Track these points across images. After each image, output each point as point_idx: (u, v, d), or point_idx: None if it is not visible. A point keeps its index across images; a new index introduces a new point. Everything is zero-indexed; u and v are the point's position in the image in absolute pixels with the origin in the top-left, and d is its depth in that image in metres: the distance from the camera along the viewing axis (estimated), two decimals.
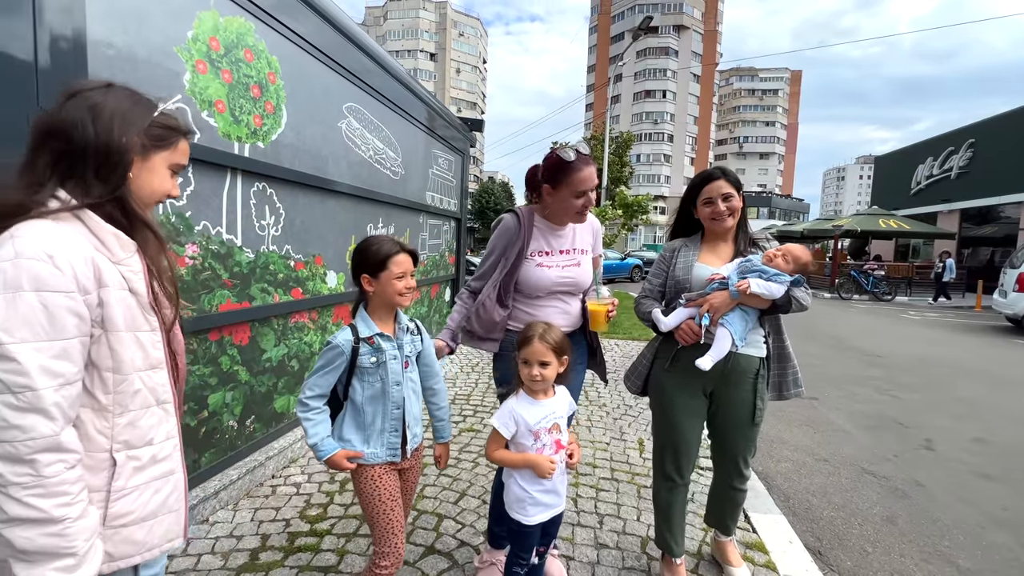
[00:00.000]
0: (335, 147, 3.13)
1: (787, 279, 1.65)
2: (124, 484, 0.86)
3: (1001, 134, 16.71)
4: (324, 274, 3.12)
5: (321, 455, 1.43)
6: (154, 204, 0.95)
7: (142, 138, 0.88)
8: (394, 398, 1.48)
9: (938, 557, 2.33)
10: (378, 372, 1.47)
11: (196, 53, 2.03)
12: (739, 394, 1.76)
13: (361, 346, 1.44)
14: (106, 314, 0.82)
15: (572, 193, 1.69)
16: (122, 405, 0.85)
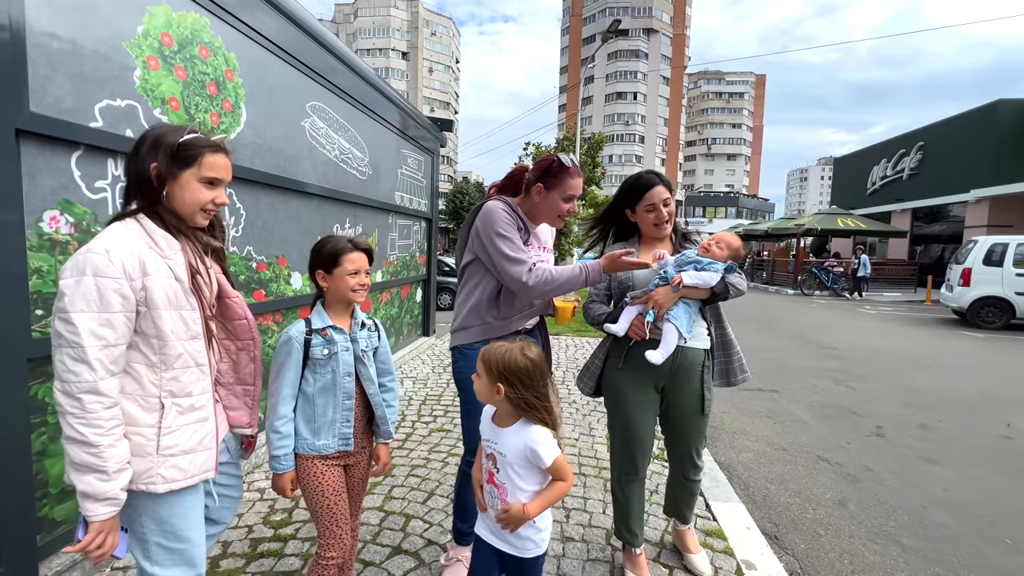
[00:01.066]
0: (298, 146, 3.08)
1: (720, 267, 1.72)
2: (171, 423, 1.13)
3: (948, 138, 17.70)
4: (288, 275, 3.07)
5: (281, 469, 1.44)
6: (196, 212, 1.18)
7: (168, 162, 1.13)
8: (345, 389, 1.50)
9: (884, 537, 2.47)
10: (329, 364, 1.48)
11: (147, 49, 1.98)
12: (688, 386, 1.82)
13: (313, 337, 1.46)
14: (148, 297, 1.08)
15: (562, 196, 1.78)
16: (166, 364, 1.13)
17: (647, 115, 60.62)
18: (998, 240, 9.28)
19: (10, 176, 1.51)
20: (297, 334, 1.45)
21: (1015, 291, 8.85)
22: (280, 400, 1.44)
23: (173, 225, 1.15)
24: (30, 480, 1.63)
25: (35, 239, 1.63)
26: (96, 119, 1.78)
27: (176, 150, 1.13)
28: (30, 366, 1.61)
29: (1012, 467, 3.30)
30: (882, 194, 21.27)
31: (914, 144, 19.33)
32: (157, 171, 1.12)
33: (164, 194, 1.14)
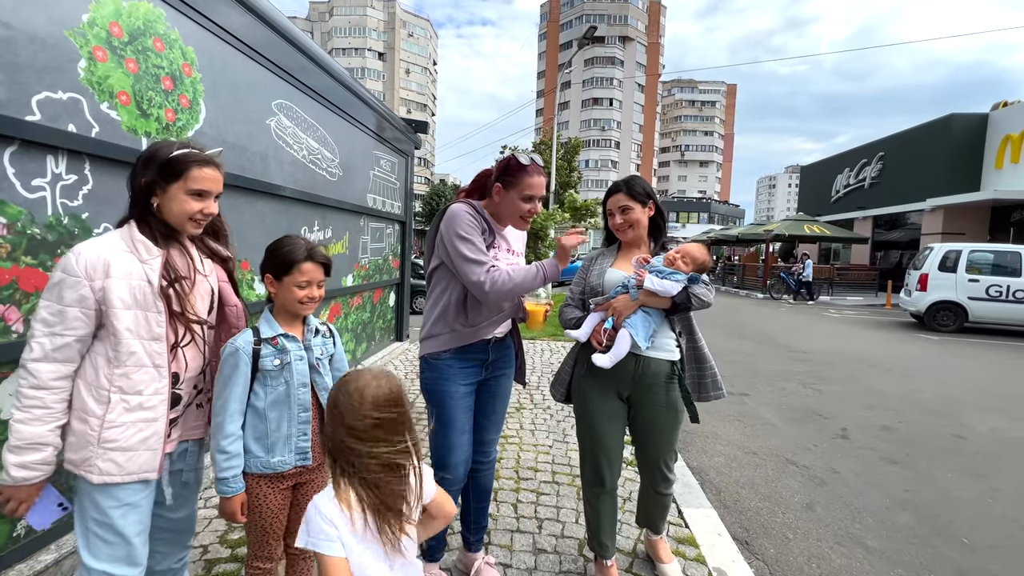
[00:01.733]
0: (263, 146, 2.96)
1: (682, 277, 1.70)
2: (114, 418, 1.18)
3: (906, 149, 18.55)
4: (252, 280, 2.94)
5: (229, 492, 1.34)
6: (185, 222, 1.25)
7: (156, 176, 1.22)
8: (301, 401, 1.41)
9: (850, 540, 2.51)
10: (282, 375, 1.39)
11: (93, 39, 1.85)
12: (653, 397, 1.79)
13: (263, 347, 1.37)
14: (106, 296, 1.15)
15: (520, 195, 1.71)
16: (119, 360, 1.18)
17: (623, 121, 61.56)
18: (952, 247, 9.74)
19: None
20: (244, 344, 1.35)
21: (968, 296, 9.29)
22: (227, 417, 1.34)
23: (161, 233, 1.24)
24: None
25: None
26: (34, 112, 1.65)
27: (165, 164, 1.21)
28: None
29: (965, 466, 3.43)
30: (845, 202, 22.11)
31: (875, 154, 20.18)
32: (146, 184, 1.22)
33: (155, 205, 1.23)
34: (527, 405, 4.12)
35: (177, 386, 1.28)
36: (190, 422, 1.35)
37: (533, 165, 1.71)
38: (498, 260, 1.75)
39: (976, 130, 16.34)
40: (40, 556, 1.76)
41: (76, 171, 1.82)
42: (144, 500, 1.24)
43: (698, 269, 1.75)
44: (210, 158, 1.27)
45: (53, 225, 1.75)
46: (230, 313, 1.42)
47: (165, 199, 1.23)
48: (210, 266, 1.39)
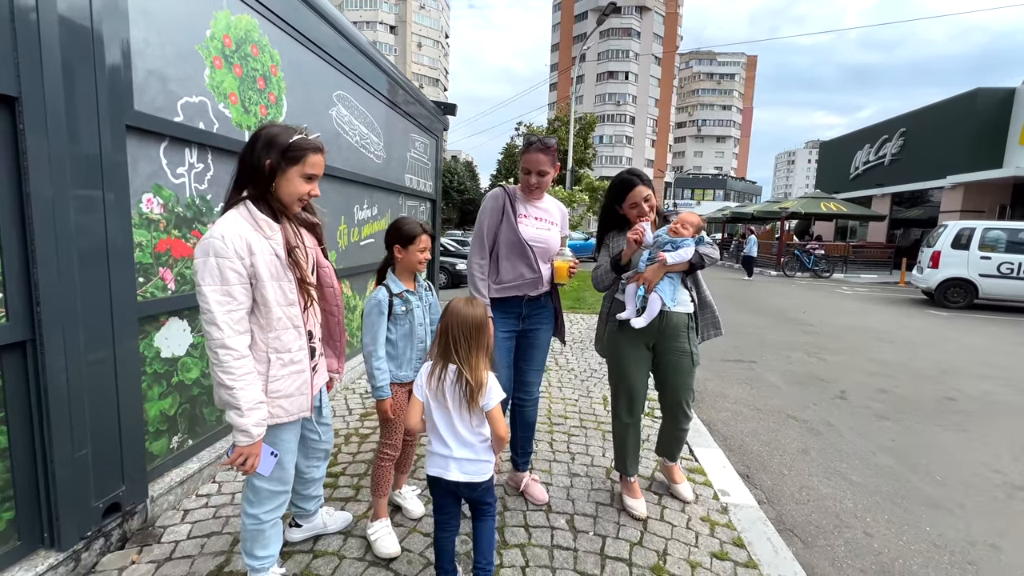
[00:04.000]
0: (327, 133, 3.35)
1: (691, 242, 2.12)
2: (276, 373, 1.43)
3: (928, 125, 18.24)
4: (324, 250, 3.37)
5: (385, 395, 1.90)
6: (295, 202, 1.45)
7: (279, 158, 1.39)
8: (419, 335, 1.99)
9: (836, 475, 2.93)
10: (407, 317, 1.95)
11: (213, 50, 2.25)
12: (675, 344, 2.21)
13: (394, 300, 1.91)
14: (256, 271, 1.37)
15: (522, 168, 2.18)
16: (270, 326, 1.42)
17: (638, 95, 60.33)
18: (966, 225, 9.85)
19: (120, 166, 1.81)
20: (384, 298, 1.90)
21: (979, 273, 9.45)
22: (378, 346, 1.88)
23: (277, 210, 1.42)
24: (142, 419, 1.97)
25: (136, 218, 1.93)
26: (178, 114, 2.07)
27: (287, 149, 1.38)
28: (138, 324, 1.94)
29: (951, 422, 3.81)
30: (864, 179, 21.88)
31: (896, 131, 19.85)
32: (271, 166, 1.37)
33: (274, 185, 1.40)
34: (553, 368, 4.57)
35: (312, 341, 1.55)
36: (320, 369, 1.64)
37: (530, 144, 2.14)
38: (525, 224, 2.18)
39: (1002, 105, 16.02)
40: (189, 464, 2.27)
41: (203, 160, 2.25)
42: (296, 435, 1.55)
43: (698, 230, 2.16)
44: (321, 145, 1.44)
45: (191, 204, 2.19)
46: (324, 274, 1.65)
47: (284, 180, 1.39)
48: (307, 234, 1.58)
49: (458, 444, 1.55)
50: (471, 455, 1.55)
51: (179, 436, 2.23)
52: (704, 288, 2.33)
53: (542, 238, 2.22)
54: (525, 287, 2.20)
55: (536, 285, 2.22)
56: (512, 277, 2.19)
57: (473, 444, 1.55)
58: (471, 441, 1.55)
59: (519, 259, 2.18)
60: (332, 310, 1.71)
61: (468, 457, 1.55)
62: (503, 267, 2.19)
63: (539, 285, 2.23)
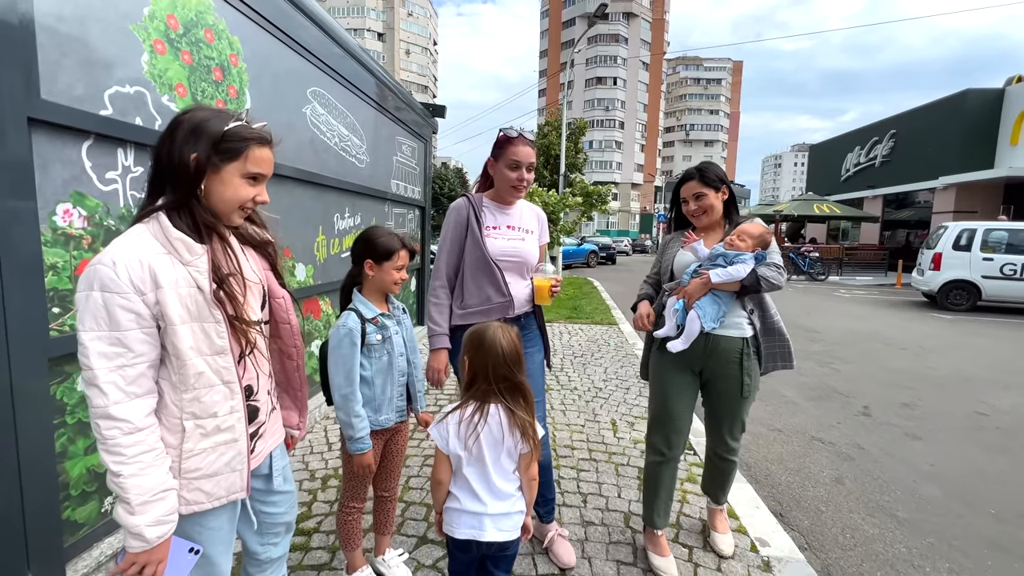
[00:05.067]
0: (300, 134, 3.00)
1: (748, 258, 1.76)
2: (193, 446, 1.04)
3: (918, 126, 18.27)
4: (293, 267, 3.01)
5: (363, 448, 1.60)
6: (233, 211, 1.06)
7: (209, 152, 0.99)
8: (400, 367, 1.69)
9: (880, 511, 2.61)
10: (384, 347, 1.64)
11: (154, 32, 1.88)
12: (725, 370, 1.88)
13: (367, 326, 1.60)
14: (163, 311, 0.97)
15: (507, 164, 1.83)
16: (185, 384, 1.02)
17: (627, 100, 60.62)
18: (966, 226, 9.69)
19: (24, 168, 1.43)
20: (355, 325, 1.57)
21: (981, 275, 9.28)
22: (356, 388, 1.57)
23: (206, 224, 1.02)
24: (55, 482, 1.58)
25: (49, 234, 1.55)
26: (106, 106, 1.70)
27: (220, 139, 0.99)
28: (49, 365, 1.55)
29: (989, 441, 3.51)
30: (855, 180, 21.89)
31: (886, 132, 19.89)
32: (197, 162, 0.98)
33: (201, 188, 1.00)
34: (554, 387, 4.22)
35: (253, 398, 1.15)
36: (270, 430, 1.23)
37: (520, 136, 1.83)
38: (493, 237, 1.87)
39: (992, 106, 16.05)
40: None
41: (143, 163, 1.87)
42: (229, 522, 1.15)
43: (759, 244, 1.80)
44: (268, 136, 1.08)
45: (125, 216, 1.81)
46: (277, 307, 1.24)
47: (217, 182, 1.01)
48: (252, 256, 1.21)
49: (494, 498, 1.35)
50: (507, 508, 1.36)
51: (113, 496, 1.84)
52: (771, 312, 1.94)
53: (514, 251, 1.89)
54: (493, 312, 1.84)
55: (506, 310, 1.85)
56: (478, 301, 1.85)
57: (510, 495, 1.37)
58: (508, 491, 1.36)
59: (485, 279, 1.85)
60: (290, 351, 1.30)
61: (504, 511, 1.35)
62: (468, 289, 1.86)
63: (509, 310, 1.86)
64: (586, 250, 19.94)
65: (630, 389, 4.23)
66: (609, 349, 5.69)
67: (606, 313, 8.16)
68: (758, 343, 1.90)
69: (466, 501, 1.37)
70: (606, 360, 5.17)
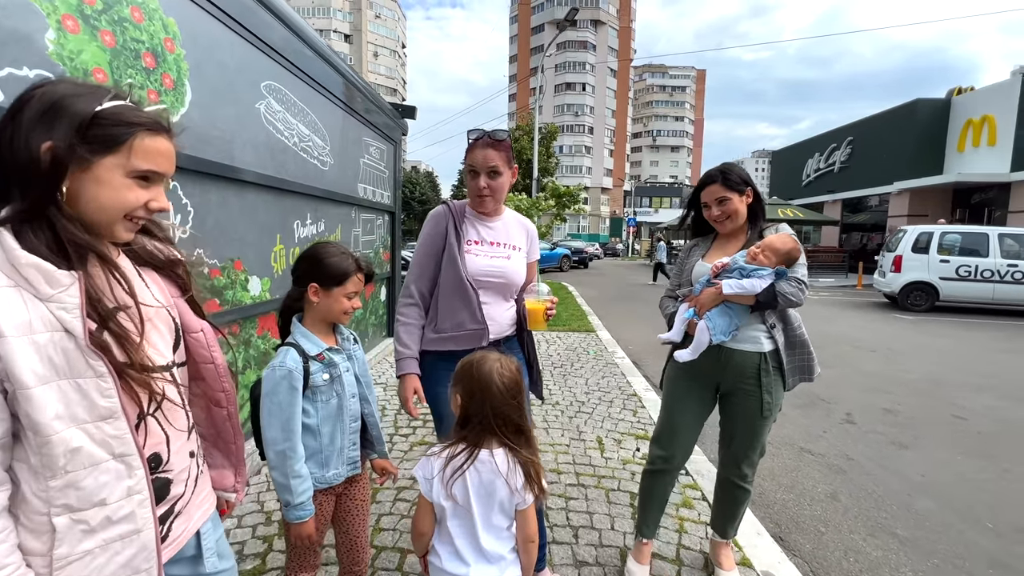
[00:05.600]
0: (253, 132, 2.68)
1: (766, 273, 1.63)
2: (69, 551, 0.74)
3: (874, 133, 19.10)
4: (246, 280, 2.69)
5: (308, 514, 1.31)
6: (116, 221, 0.78)
7: (71, 139, 0.71)
8: (352, 411, 1.41)
9: (881, 530, 2.49)
10: (332, 388, 1.36)
11: (62, 6, 1.57)
12: (742, 386, 1.76)
13: (311, 364, 1.32)
14: (8, 368, 0.67)
15: (468, 171, 1.65)
16: (52, 467, 0.72)
17: (596, 106, 61.43)
18: (925, 229, 10.06)
19: None
20: (295, 365, 1.28)
21: (939, 276, 9.64)
22: (296, 441, 1.28)
23: (74, 241, 0.73)
24: None
25: None
26: None
27: (90, 124, 0.72)
28: None
29: (972, 447, 3.50)
30: (816, 185, 22.71)
31: (844, 139, 20.72)
32: (54, 154, 0.70)
33: (63, 191, 0.72)
34: (535, 402, 3.99)
35: (162, 469, 0.86)
36: (197, 501, 0.95)
37: (478, 139, 1.61)
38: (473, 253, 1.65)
39: (940, 115, 16.93)
40: None
41: None
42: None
43: (784, 261, 1.65)
44: (164, 120, 0.81)
45: None
46: (195, 343, 0.95)
47: (89, 181, 0.74)
48: (156, 281, 0.92)
49: (481, 560, 1.17)
50: (495, 574, 1.17)
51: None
52: (795, 324, 1.79)
53: (497, 270, 1.66)
54: (463, 340, 1.60)
55: (479, 339, 1.61)
56: (449, 326, 1.62)
57: (502, 556, 1.19)
58: (499, 553, 1.18)
59: (459, 302, 1.61)
60: (217, 397, 1.01)
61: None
62: (440, 311, 1.63)
63: (483, 339, 1.61)
64: (559, 254, 19.88)
65: (613, 402, 4.06)
66: (588, 358, 5.52)
67: (583, 320, 8.02)
68: (779, 358, 1.75)
69: (447, 561, 1.19)
70: (586, 370, 4.99)
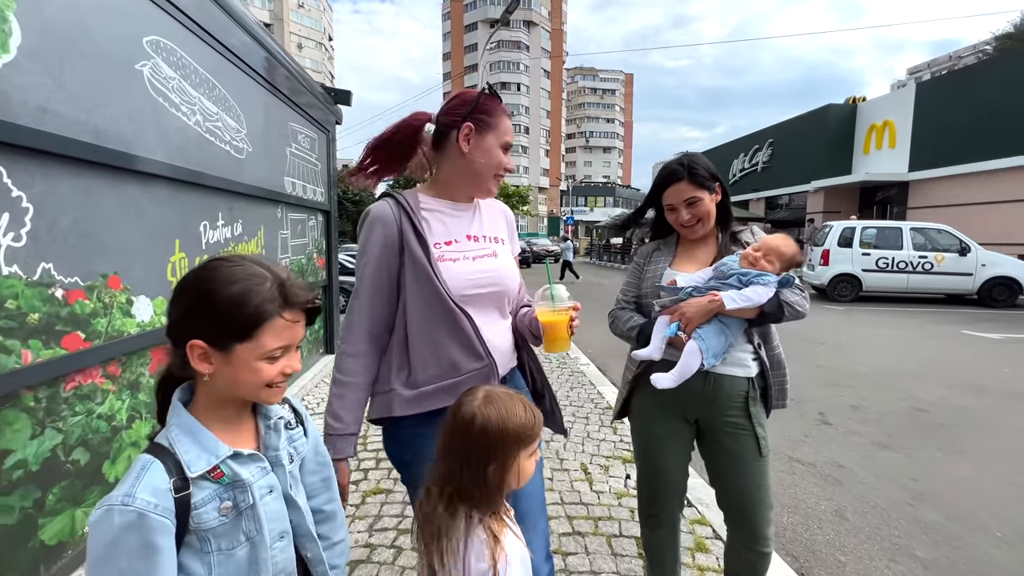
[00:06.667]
0: (133, 102, 1.99)
1: (772, 279, 1.33)
2: None
3: (791, 135, 20.51)
4: (127, 302, 1.99)
5: None
6: None
7: None
8: (279, 564, 0.79)
9: (900, 552, 2.28)
10: (239, 528, 0.75)
11: None
12: (728, 420, 1.42)
13: (195, 490, 0.71)
14: None
15: (500, 142, 1.19)
16: None
17: (531, 106, 61.95)
18: (848, 224, 10.74)
19: None
20: (157, 501, 0.66)
21: (862, 268, 10.31)
22: None
23: None
24: None
25: None
26: None
27: None
28: None
29: (944, 442, 3.49)
30: (742, 184, 24.08)
31: (765, 140, 22.11)
32: None
33: None
34: None
35: None
36: None
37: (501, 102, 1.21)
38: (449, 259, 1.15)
39: (848, 119, 18.44)
40: None
41: None
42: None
43: (787, 266, 1.38)
44: None
45: None
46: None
47: None
48: None
49: None
50: None
51: None
52: (775, 342, 1.52)
53: (487, 276, 1.18)
54: (463, 386, 1.02)
55: (487, 378, 1.15)
56: (437, 373, 1.13)
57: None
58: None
59: (446, 335, 1.13)
60: None
61: None
62: (417, 354, 1.13)
63: (491, 378, 1.16)
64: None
65: (589, 419, 3.70)
66: (552, 367, 5.15)
67: None
68: (764, 383, 1.46)
69: None
70: (553, 381, 4.59)
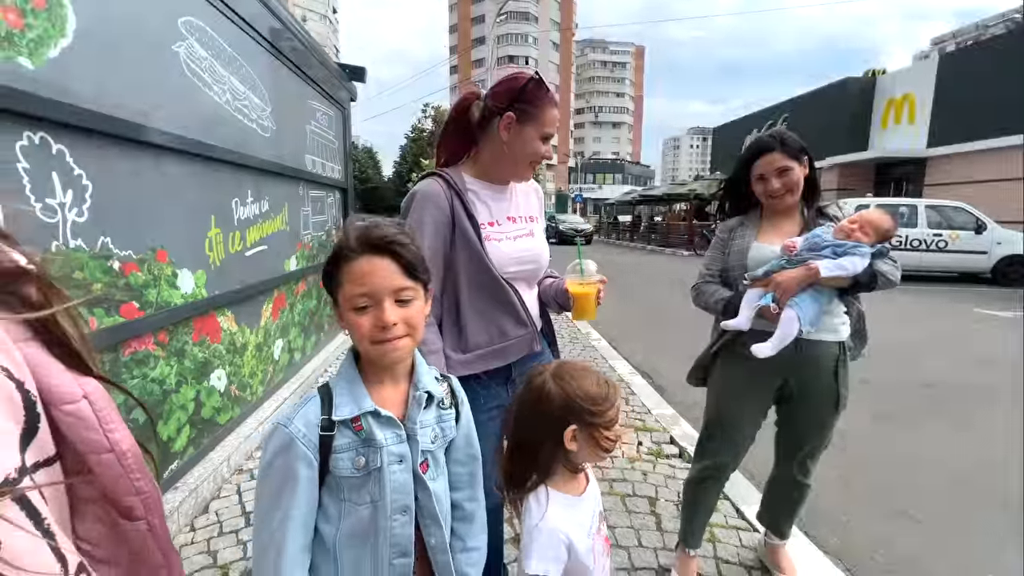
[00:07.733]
0: (172, 82, 2.08)
1: (867, 250, 1.41)
2: None
3: (807, 110, 20.02)
4: (173, 275, 2.12)
5: None
6: None
7: None
8: (396, 538, 0.80)
9: (901, 516, 2.42)
10: (366, 487, 0.79)
11: None
12: (818, 384, 1.55)
13: (338, 435, 0.77)
14: None
15: (540, 133, 1.27)
16: None
17: None
18: (862, 203, 10.61)
19: None
20: (303, 428, 0.75)
21: None
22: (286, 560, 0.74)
23: None
24: None
25: None
26: None
27: None
28: None
29: (950, 416, 3.59)
30: None
31: (780, 116, 21.60)
32: None
33: None
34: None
35: None
36: None
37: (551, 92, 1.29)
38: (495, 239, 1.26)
39: (865, 93, 17.96)
40: None
41: None
42: None
43: (882, 239, 1.44)
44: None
45: None
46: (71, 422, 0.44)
47: None
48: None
49: None
50: None
51: None
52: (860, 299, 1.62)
53: (528, 252, 1.32)
54: (510, 352, 1.27)
55: (530, 344, 1.31)
56: (487, 339, 1.26)
57: None
58: None
59: (496, 306, 1.26)
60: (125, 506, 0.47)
61: None
62: (470, 323, 1.25)
63: (534, 343, 1.32)
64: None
65: None
66: (565, 341, 5.27)
67: None
68: (851, 344, 1.59)
69: None
70: (565, 355, 4.73)
